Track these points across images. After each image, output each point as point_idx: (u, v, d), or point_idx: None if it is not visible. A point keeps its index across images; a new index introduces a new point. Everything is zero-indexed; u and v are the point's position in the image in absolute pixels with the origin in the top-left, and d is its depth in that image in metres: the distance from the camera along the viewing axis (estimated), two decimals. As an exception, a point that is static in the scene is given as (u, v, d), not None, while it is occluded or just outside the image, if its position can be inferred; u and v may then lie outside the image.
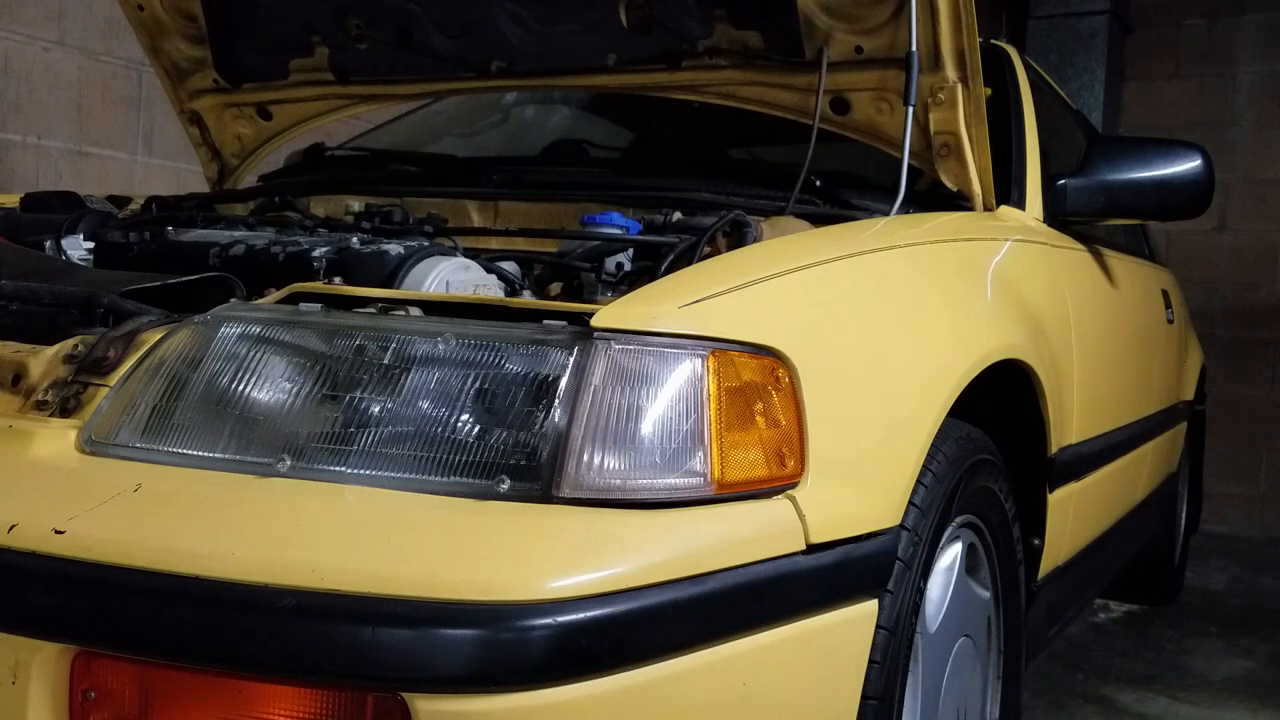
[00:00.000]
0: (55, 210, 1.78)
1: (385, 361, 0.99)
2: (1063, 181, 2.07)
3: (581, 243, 1.43)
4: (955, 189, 1.71)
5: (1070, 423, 1.82)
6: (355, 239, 1.41)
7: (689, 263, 1.28)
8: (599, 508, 0.91)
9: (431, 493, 0.92)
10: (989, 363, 1.41)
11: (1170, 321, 3.00)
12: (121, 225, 1.66)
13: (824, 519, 1.04)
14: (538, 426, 0.94)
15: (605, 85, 1.93)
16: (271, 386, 1.01)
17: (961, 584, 1.43)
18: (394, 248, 1.32)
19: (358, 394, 0.98)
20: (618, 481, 0.93)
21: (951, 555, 1.40)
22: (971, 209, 1.72)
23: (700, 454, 0.97)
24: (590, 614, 0.85)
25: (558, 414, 0.94)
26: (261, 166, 2.31)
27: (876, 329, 1.27)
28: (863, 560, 1.11)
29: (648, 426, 0.96)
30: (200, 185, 2.41)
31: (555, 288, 1.38)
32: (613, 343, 0.97)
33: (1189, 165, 2.07)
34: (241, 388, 1.01)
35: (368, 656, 0.82)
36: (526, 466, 0.93)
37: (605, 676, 0.87)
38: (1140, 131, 5.48)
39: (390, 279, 1.27)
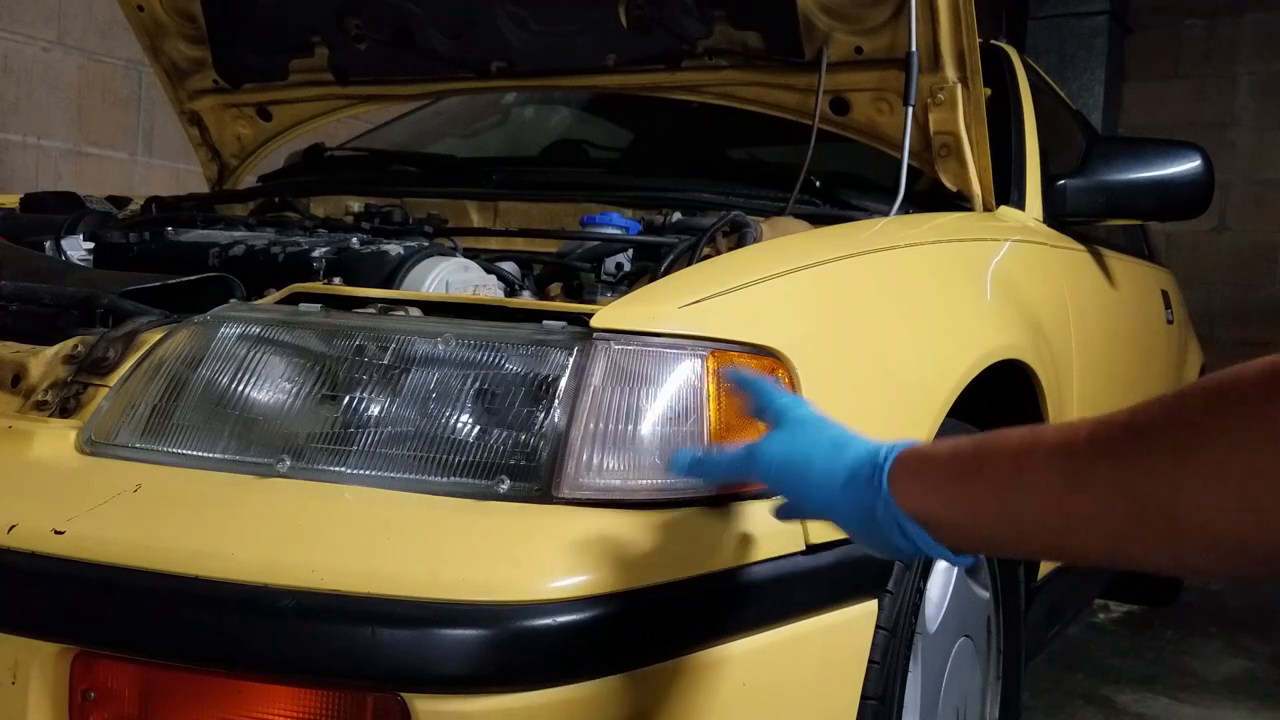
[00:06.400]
0: (55, 210, 1.78)
1: (385, 362, 0.99)
2: (1062, 182, 2.07)
3: (581, 243, 1.43)
4: (955, 189, 1.71)
5: (1070, 423, 1.81)
6: (355, 239, 1.41)
7: (689, 263, 1.28)
8: (599, 508, 0.91)
9: (431, 493, 0.92)
10: (989, 363, 1.41)
11: (1170, 322, 3.00)
12: (121, 225, 1.66)
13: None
14: (537, 427, 0.94)
15: (605, 85, 1.93)
16: (271, 387, 1.01)
17: (961, 584, 1.43)
18: (394, 248, 1.32)
19: (357, 394, 0.98)
20: (617, 482, 0.93)
21: (951, 555, 1.40)
22: (971, 209, 1.72)
23: (700, 454, 0.96)
24: (589, 614, 0.85)
25: (557, 414, 0.94)
26: (261, 166, 2.31)
27: (876, 329, 1.27)
28: (862, 561, 1.11)
29: (647, 427, 0.96)
30: (200, 185, 2.41)
31: (555, 288, 1.38)
32: (612, 343, 0.97)
33: (1189, 165, 2.07)
34: (241, 388, 1.01)
35: (368, 656, 0.82)
36: (526, 467, 0.93)
37: (604, 677, 0.87)
38: (1140, 131, 5.48)
39: (390, 279, 1.27)
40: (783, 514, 0.94)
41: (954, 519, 0.79)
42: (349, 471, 0.94)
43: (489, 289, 1.31)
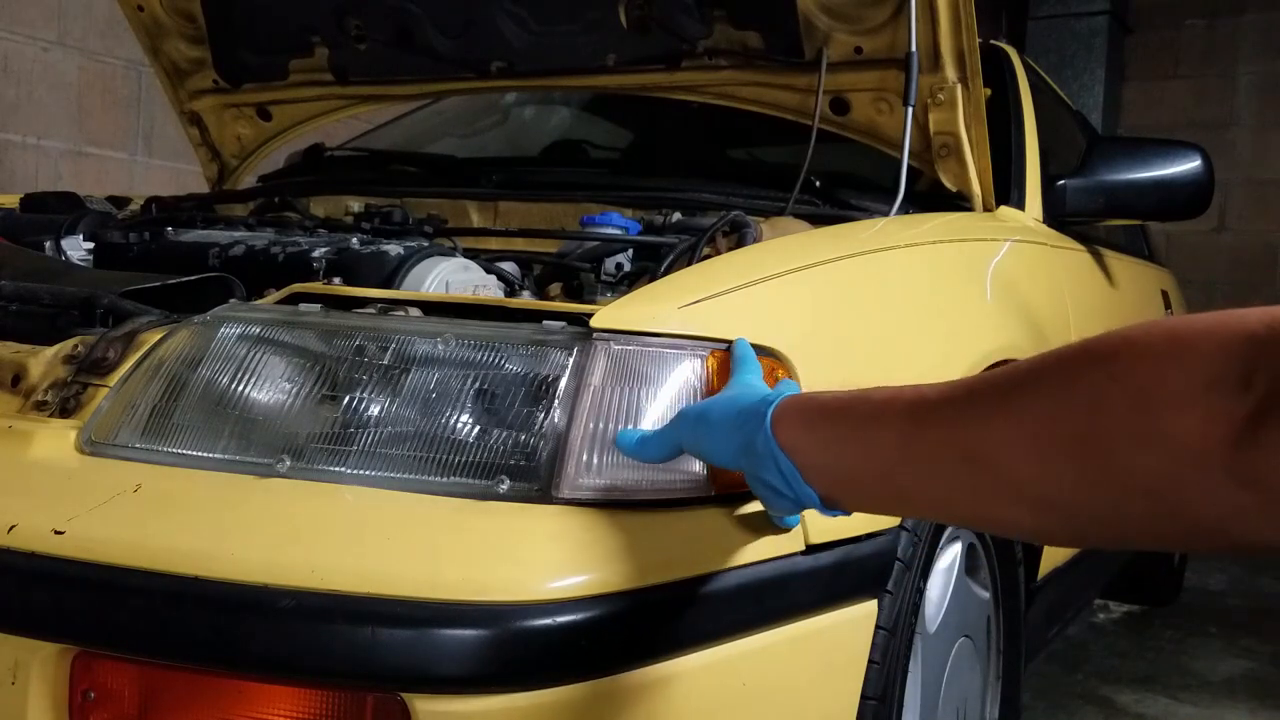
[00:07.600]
0: (55, 210, 1.78)
1: (385, 362, 0.99)
2: (1062, 182, 2.07)
3: (581, 243, 1.43)
4: (955, 189, 1.71)
5: (1070, 423, 1.81)
6: (355, 239, 1.41)
7: (688, 263, 1.28)
8: (599, 508, 0.91)
9: (431, 493, 0.92)
10: (989, 363, 1.41)
11: (1170, 322, 3.00)
12: (121, 225, 1.66)
13: (823, 519, 1.04)
14: (537, 427, 0.94)
15: (605, 85, 1.93)
16: (271, 387, 1.01)
17: (961, 584, 1.43)
18: (394, 248, 1.32)
19: (357, 394, 0.98)
20: (618, 482, 0.93)
21: (951, 556, 1.40)
22: (971, 209, 1.72)
23: (700, 454, 0.96)
24: (589, 614, 0.85)
25: (557, 414, 0.94)
26: (261, 166, 2.31)
27: (876, 329, 1.27)
28: (862, 561, 1.11)
29: (647, 427, 0.96)
30: (200, 185, 2.41)
31: (555, 288, 1.38)
32: (612, 343, 0.97)
33: (1189, 165, 2.08)
34: (241, 388, 1.01)
35: (368, 657, 0.82)
36: (526, 467, 0.93)
37: (605, 677, 0.87)
38: (1140, 131, 5.48)
39: (390, 279, 1.27)
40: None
41: (821, 460, 0.83)
42: (349, 471, 0.94)
43: (489, 289, 1.32)
